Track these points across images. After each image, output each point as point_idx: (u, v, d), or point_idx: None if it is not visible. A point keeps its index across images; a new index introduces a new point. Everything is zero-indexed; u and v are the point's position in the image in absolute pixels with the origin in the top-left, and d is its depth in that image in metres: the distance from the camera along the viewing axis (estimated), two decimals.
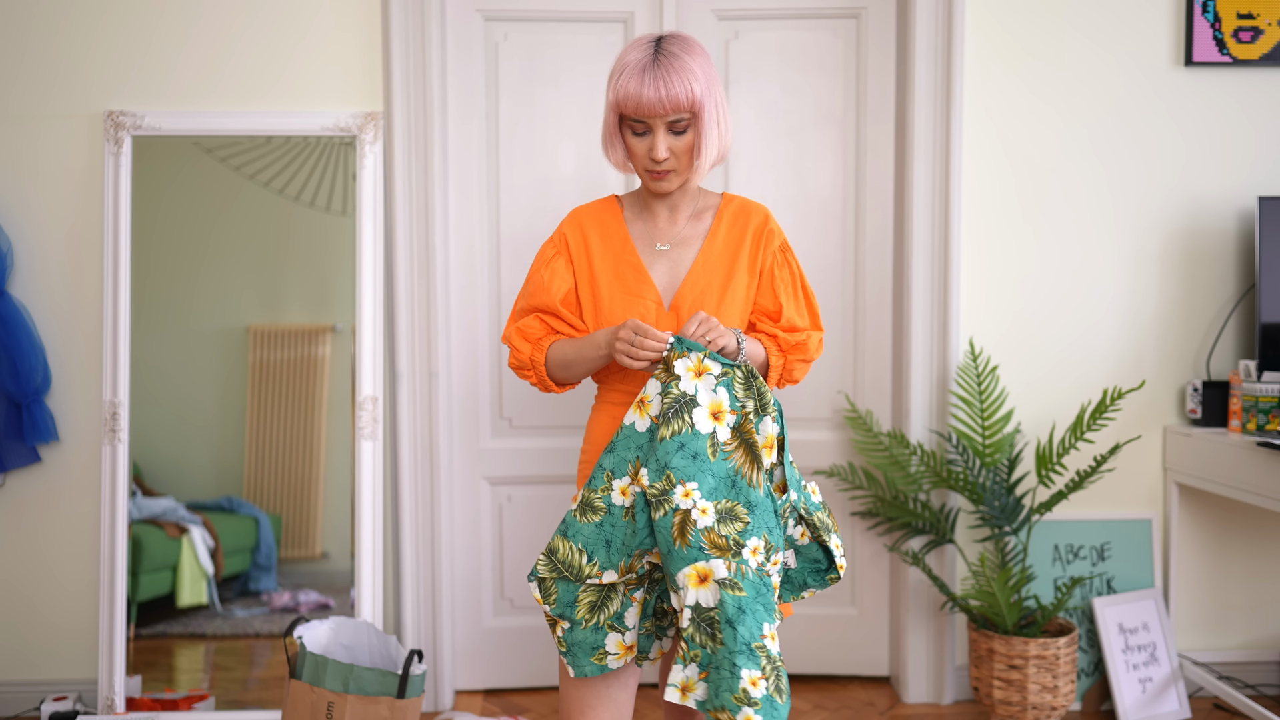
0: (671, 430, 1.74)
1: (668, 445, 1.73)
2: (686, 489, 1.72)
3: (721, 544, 1.70)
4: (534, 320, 1.97)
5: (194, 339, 2.78)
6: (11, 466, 2.71)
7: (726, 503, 1.73)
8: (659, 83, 1.79)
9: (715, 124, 1.85)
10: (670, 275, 1.92)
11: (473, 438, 2.92)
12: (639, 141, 1.86)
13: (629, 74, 1.81)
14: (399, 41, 2.72)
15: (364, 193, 2.72)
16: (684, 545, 1.71)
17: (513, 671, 2.98)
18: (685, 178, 1.89)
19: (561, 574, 1.78)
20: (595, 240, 1.95)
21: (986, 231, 2.84)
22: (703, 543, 1.70)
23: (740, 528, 1.72)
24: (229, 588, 2.85)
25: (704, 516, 1.71)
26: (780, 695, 1.66)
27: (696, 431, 1.75)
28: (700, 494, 1.72)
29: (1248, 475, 2.53)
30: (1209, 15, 2.80)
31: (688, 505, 1.72)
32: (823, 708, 2.86)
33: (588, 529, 1.79)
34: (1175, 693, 2.79)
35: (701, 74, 1.82)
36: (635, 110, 1.81)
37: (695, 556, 1.70)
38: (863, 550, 3.00)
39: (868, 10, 2.89)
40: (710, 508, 1.72)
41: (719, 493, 1.73)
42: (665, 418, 1.75)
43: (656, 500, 1.73)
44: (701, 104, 1.82)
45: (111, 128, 2.68)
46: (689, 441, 1.74)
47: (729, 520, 1.72)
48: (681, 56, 1.81)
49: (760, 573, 1.71)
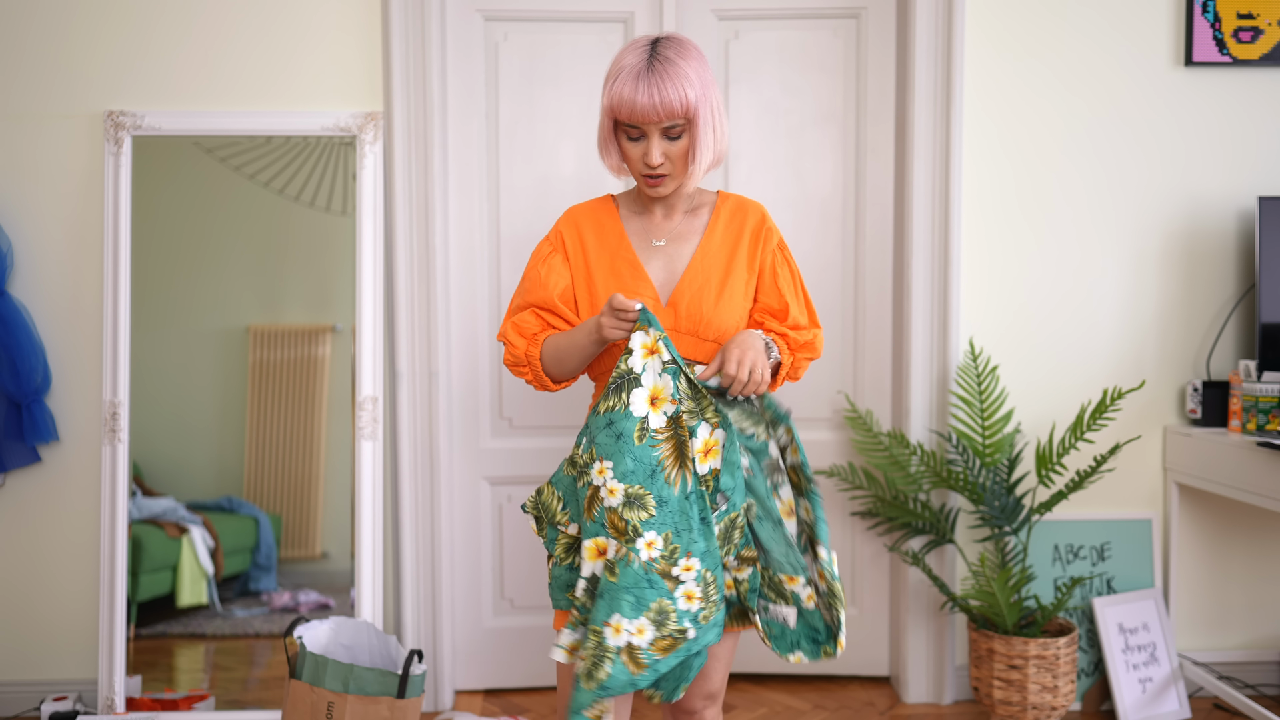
0: (607, 405, 1.77)
1: (598, 419, 1.77)
2: (601, 466, 1.75)
3: (620, 526, 1.74)
4: (530, 315, 1.96)
5: (194, 339, 2.78)
6: (11, 466, 2.71)
7: (638, 489, 1.74)
8: (653, 89, 1.78)
9: (711, 128, 1.85)
10: (667, 271, 1.92)
11: (473, 438, 2.92)
12: (634, 146, 1.86)
13: (623, 79, 1.80)
14: (399, 41, 2.72)
15: (364, 193, 2.72)
16: (589, 519, 1.77)
17: (513, 671, 2.98)
18: (681, 182, 1.89)
19: (539, 514, 1.87)
20: (591, 238, 1.95)
21: (986, 231, 2.84)
22: (604, 520, 1.75)
23: (644, 517, 1.73)
24: (229, 588, 2.85)
25: (611, 496, 1.75)
26: (589, 682, 1.69)
27: (629, 412, 1.76)
28: (612, 474, 1.74)
29: (1248, 475, 2.53)
30: (1209, 15, 2.80)
31: (599, 482, 1.75)
32: (823, 708, 2.86)
33: (567, 480, 1.85)
34: (1175, 693, 2.79)
35: (696, 78, 1.81)
36: (629, 116, 1.81)
37: (597, 531, 1.76)
38: (863, 550, 3.00)
39: (868, 10, 2.89)
40: (620, 489, 1.74)
41: (633, 477, 1.74)
42: (606, 391, 1.78)
43: (580, 469, 1.79)
44: (696, 109, 1.81)
45: (111, 128, 2.68)
46: (617, 420, 1.76)
47: (635, 506, 1.73)
48: (676, 61, 1.80)
49: (649, 567, 1.72)
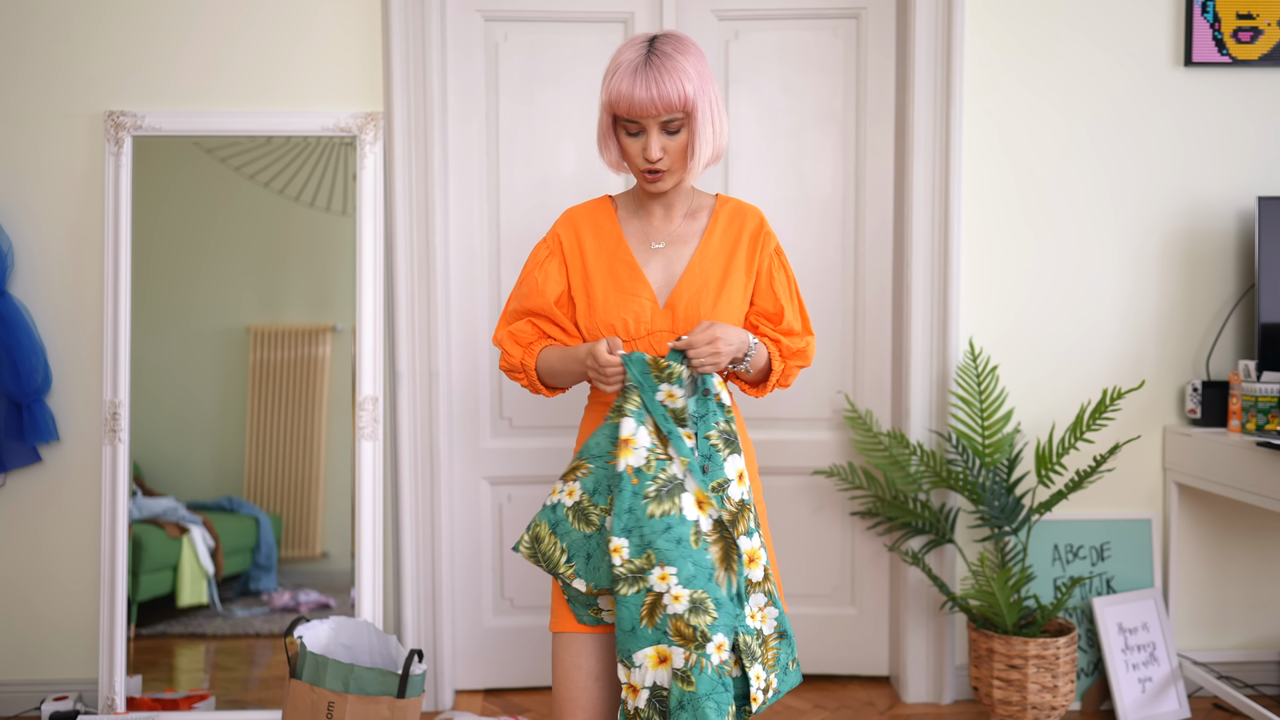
0: (662, 510, 1.74)
1: (655, 524, 1.73)
2: (664, 572, 1.72)
3: (687, 634, 1.71)
4: (526, 324, 1.97)
5: (194, 339, 2.78)
6: (12, 466, 2.71)
7: (700, 593, 1.72)
8: (651, 83, 1.78)
9: (709, 123, 1.85)
10: (666, 274, 1.92)
11: (473, 438, 2.93)
12: (633, 142, 1.86)
13: (621, 74, 1.81)
14: (399, 42, 2.72)
15: (364, 193, 2.72)
16: (650, 626, 1.73)
17: (513, 671, 2.98)
18: (680, 177, 1.89)
19: (537, 562, 1.84)
20: (589, 240, 1.95)
21: (986, 231, 2.85)
22: (668, 628, 1.72)
23: (709, 621, 1.72)
24: (229, 587, 2.85)
25: (676, 603, 1.72)
26: None
27: (683, 516, 1.74)
28: (677, 580, 1.72)
29: (1247, 475, 2.53)
30: (1209, 15, 2.80)
31: (662, 589, 1.72)
32: (823, 708, 2.87)
33: (576, 535, 1.82)
34: (1175, 692, 2.79)
35: (695, 73, 1.81)
36: (628, 110, 1.81)
37: (659, 639, 1.73)
38: (862, 550, 3.00)
39: (868, 10, 2.89)
40: (685, 595, 1.72)
41: (695, 582, 1.73)
42: (657, 496, 1.74)
43: (630, 576, 1.74)
44: (694, 103, 1.81)
45: (112, 128, 2.68)
46: (675, 525, 1.74)
47: (699, 612, 1.72)
48: (674, 56, 1.80)
49: (720, 670, 1.71)
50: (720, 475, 1.77)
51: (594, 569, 1.81)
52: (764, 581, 1.79)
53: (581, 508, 1.82)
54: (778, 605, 1.81)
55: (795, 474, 2.97)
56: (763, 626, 1.79)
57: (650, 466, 1.75)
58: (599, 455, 1.82)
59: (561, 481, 1.86)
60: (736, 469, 1.79)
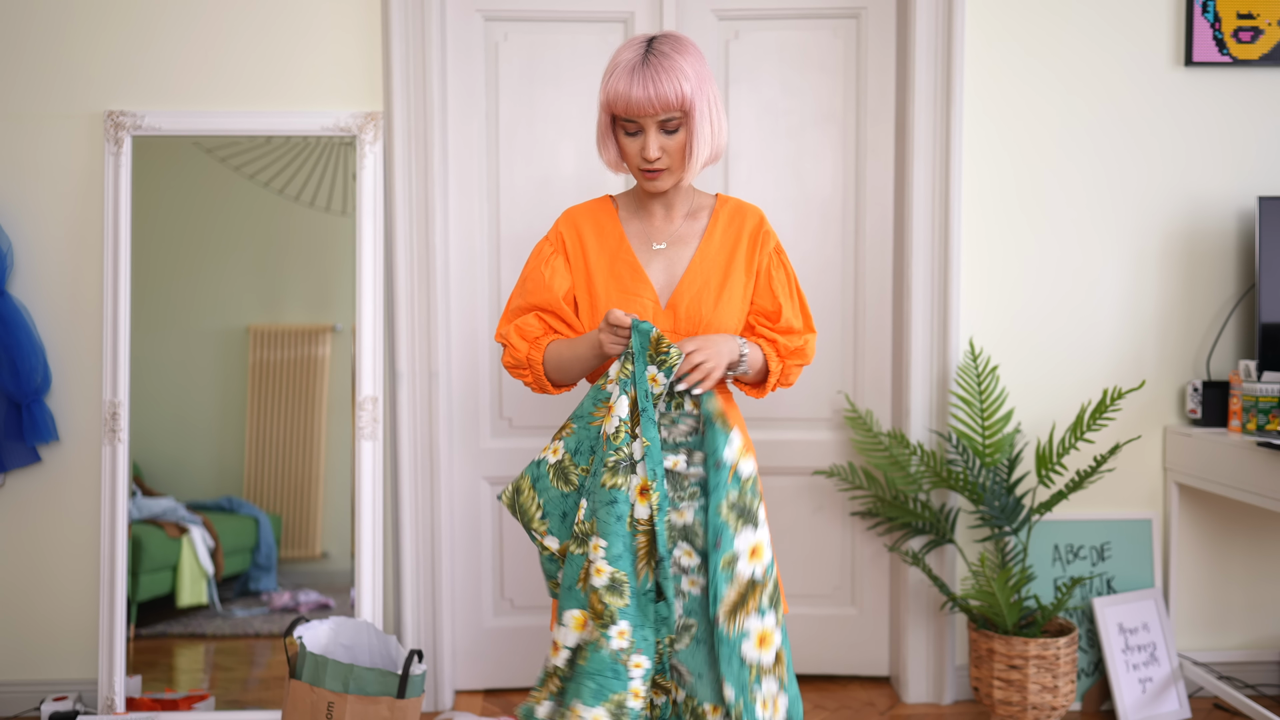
0: (613, 482, 1.74)
1: (603, 494, 1.74)
2: (597, 543, 1.74)
3: (598, 609, 1.72)
4: (533, 318, 1.96)
5: (194, 339, 2.78)
6: (11, 466, 2.71)
7: (620, 574, 1.73)
8: (648, 82, 1.79)
9: (707, 123, 1.85)
10: (667, 274, 1.92)
11: (473, 438, 2.92)
12: (631, 141, 1.86)
13: (619, 74, 1.81)
14: (399, 41, 2.72)
15: (364, 193, 2.72)
16: (583, 590, 1.75)
17: (513, 671, 2.98)
18: (679, 176, 1.89)
19: (515, 514, 1.87)
20: (591, 240, 1.95)
21: (986, 231, 2.84)
22: (583, 600, 1.74)
23: (620, 605, 1.71)
24: (229, 588, 2.85)
25: (598, 576, 1.72)
26: None
27: (628, 495, 1.75)
28: (604, 555, 1.73)
29: (1248, 475, 2.53)
30: (1209, 15, 2.80)
31: (592, 558, 1.74)
32: (823, 708, 2.86)
33: (554, 492, 1.84)
34: (1175, 693, 2.79)
35: (693, 73, 1.81)
36: (625, 110, 1.81)
37: (583, 604, 1.74)
38: (863, 550, 3.00)
39: (868, 10, 2.89)
40: (607, 572, 1.72)
41: (621, 562, 1.73)
42: (614, 468, 1.74)
43: (580, 536, 1.77)
44: (692, 103, 1.81)
45: (111, 128, 2.68)
46: (620, 501, 1.74)
47: (614, 592, 1.72)
48: (672, 56, 1.81)
49: (616, 656, 1.70)
50: (730, 550, 1.72)
51: (567, 528, 1.83)
52: (777, 666, 1.73)
53: (562, 466, 1.84)
54: (789, 690, 1.75)
55: (795, 474, 2.97)
56: (773, 717, 1.73)
57: (618, 436, 1.75)
58: (582, 415, 1.84)
59: (551, 440, 1.88)
60: (750, 544, 1.73)
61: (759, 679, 1.71)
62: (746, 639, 1.71)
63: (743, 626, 1.71)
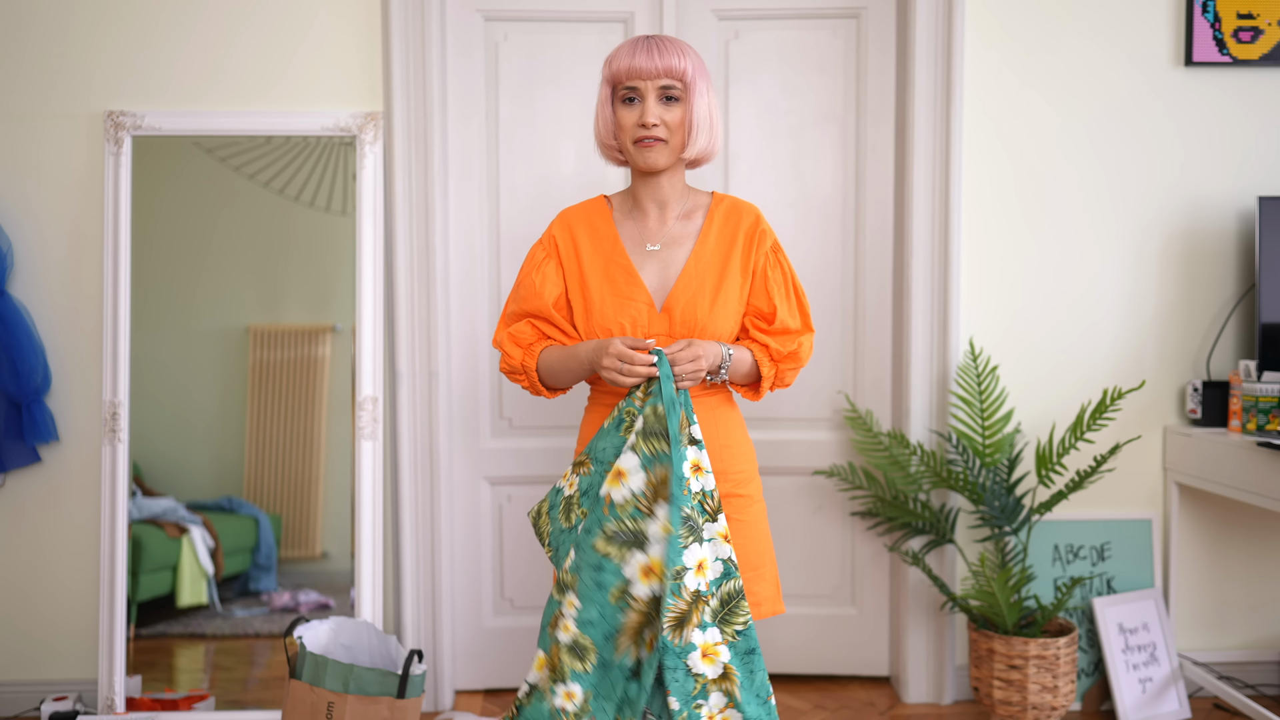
0: (605, 551, 1.73)
1: (591, 556, 1.73)
2: (572, 600, 1.73)
3: (554, 664, 1.73)
4: (525, 325, 1.97)
5: (194, 339, 2.78)
6: (11, 466, 2.71)
7: (586, 640, 1.72)
8: (653, 49, 1.86)
9: (705, 104, 1.89)
10: (661, 277, 1.91)
11: (473, 438, 2.92)
12: (629, 111, 1.88)
13: (623, 48, 1.89)
14: (399, 42, 2.72)
15: (364, 193, 2.72)
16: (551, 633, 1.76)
17: (513, 671, 2.98)
18: (675, 156, 1.90)
19: (537, 533, 1.90)
20: (585, 242, 1.95)
21: (986, 231, 2.84)
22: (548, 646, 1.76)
23: (577, 668, 1.72)
24: (229, 588, 2.85)
25: (564, 634, 1.73)
26: None
27: (618, 569, 1.72)
28: (575, 616, 1.73)
29: (1248, 475, 2.53)
30: (1209, 15, 2.80)
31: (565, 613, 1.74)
32: (823, 708, 2.86)
33: (557, 526, 1.86)
34: (1175, 693, 2.79)
35: (693, 57, 1.88)
36: (628, 73, 1.86)
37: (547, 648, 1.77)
38: (862, 550, 3.00)
39: (868, 10, 2.89)
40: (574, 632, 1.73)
41: (590, 628, 1.72)
42: (611, 537, 1.72)
43: (560, 583, 1.76)
44: (693, 80, 1.87)
45: (111, 128, 2.68)
46: (607, 571, 1.72)
47: (575, 655, 1.72)
48: (675, 39, 1.89)
49: (556, 715, 1.72)
50: (679, 563, 1.70)
51: (558, 562, 1.84)
52: (723, 680, 1.71)
53: (570, 504, 1.84)
54: (742, 707, 1.72)
55: (795, 474, 2.97)
56: None
57: (625, 508, 1.72)
58: (602, 462, 1.82)
59: (571, 470, 1.88)
60: (696, 559, 1.71)
61: (704, 691, 1.71)
62: (693, 651, 1.70)
63: (688, 639, 1.70)
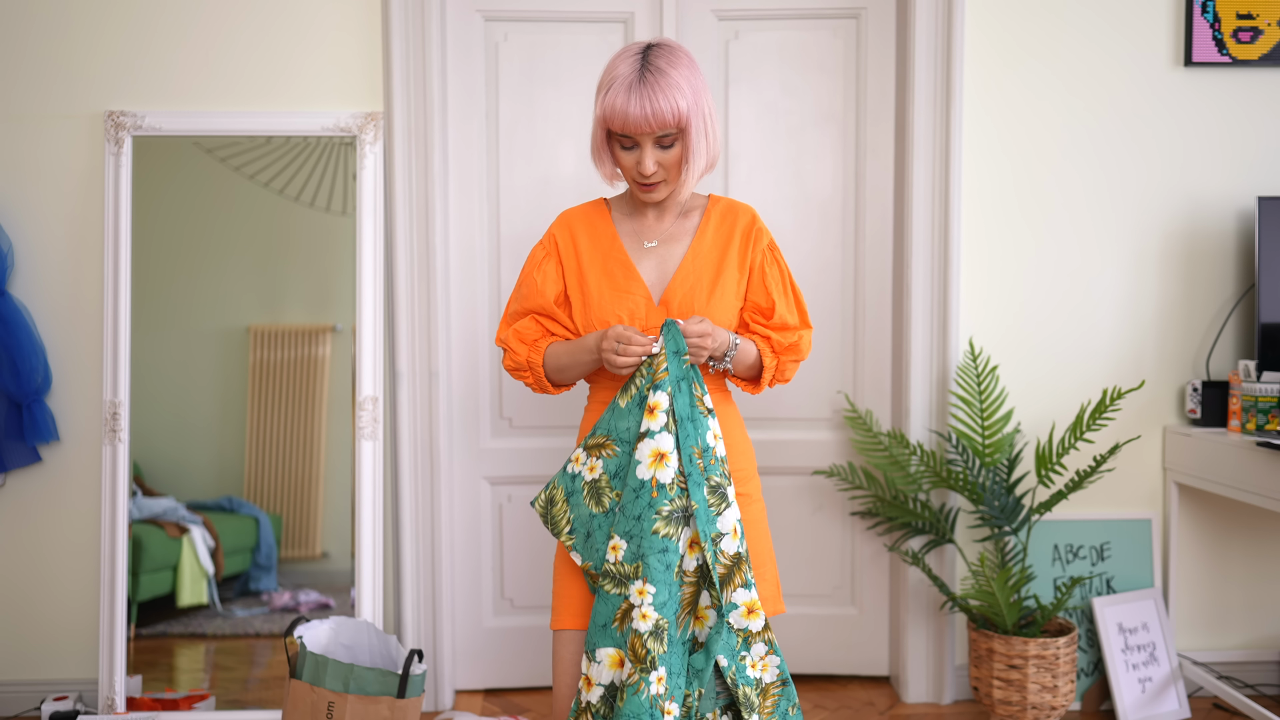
0: (666, 532, 1.77)
1: (655, 541, 1.76)
2: (644, 588, 1.76)
3: (640, 654, 1.74)
4: (530, 322, 2.00)
5: (194, 339, 2.78)
6: (12, 466, 2.71)
7: (664, 621, 1.76)
8: (645, 100, 1.80)
9: (703, 135, 1.87)
10: (659, 271, 1.94)
11: (473, 438, 2.93)
12: (627, 155, 1.89)
13: (616, 90, 1.82)
14: (399, 42, 2.72)
15: (364, 193, 2.72)
16: (620, 629, 1.78)
17: (513, 671, 2.98)
18: (674, 188, 1.92)
19: (547, 523, 1.89)
20: (584, 240, 1.98)
21: (986, 231, 2.85)
22: (627, 641, 1.76)
23: (660, 651, 1.75)
24: (229, 587, 2.85)
25: (643, 621, 1.75)
26: None
27: (678, 547, 1.78)
28: (652, 600, 1.75)
29: (1247, 475, 2.53)
30: (1209, 15, 2.80)
31: (637, 602, 1.76)
32: (823, 707, 2.86)
33: (585, 511, 1.85)
34: (1175, 692, 2.79)
35: (688, 87, 1.83)
36: (622, 127, 1.84)
37: (621, 645, 1.77)
38: (862, 550, 3.00)
39: (868, 10, 2.89)
40: (653, 617, 1.75)
41: (666, 609, 1.77)
42: (669, 518, 1.78)
43: (617, 576, 1.79)
44: (688, 119, 1.83)
45: (112, 128, 2.68)
46: (671, 550, 1.77)
47: (658, 638, 1.75)
48: (668, 72, 1.82)
49: (654, 701, 1.74)
50: (714, 529, 1.80)
51: (590, 548, 1.84)
52: (764, 631, 1.83)
53: (598, 487, 1.85)
54: (779, 653, 1.85)
55: (795, 474, 2.97)
56: (763, 676, 1.84)
57: (673, 488, 1.78)
58: (626, 440, 1.84)
59: (585, 453, 1.88)
60: (730, 523, 1.82)
61: (745, 643, 1.82)
62: (735, 610, 1.81)
63: (730, 599, 1.81)
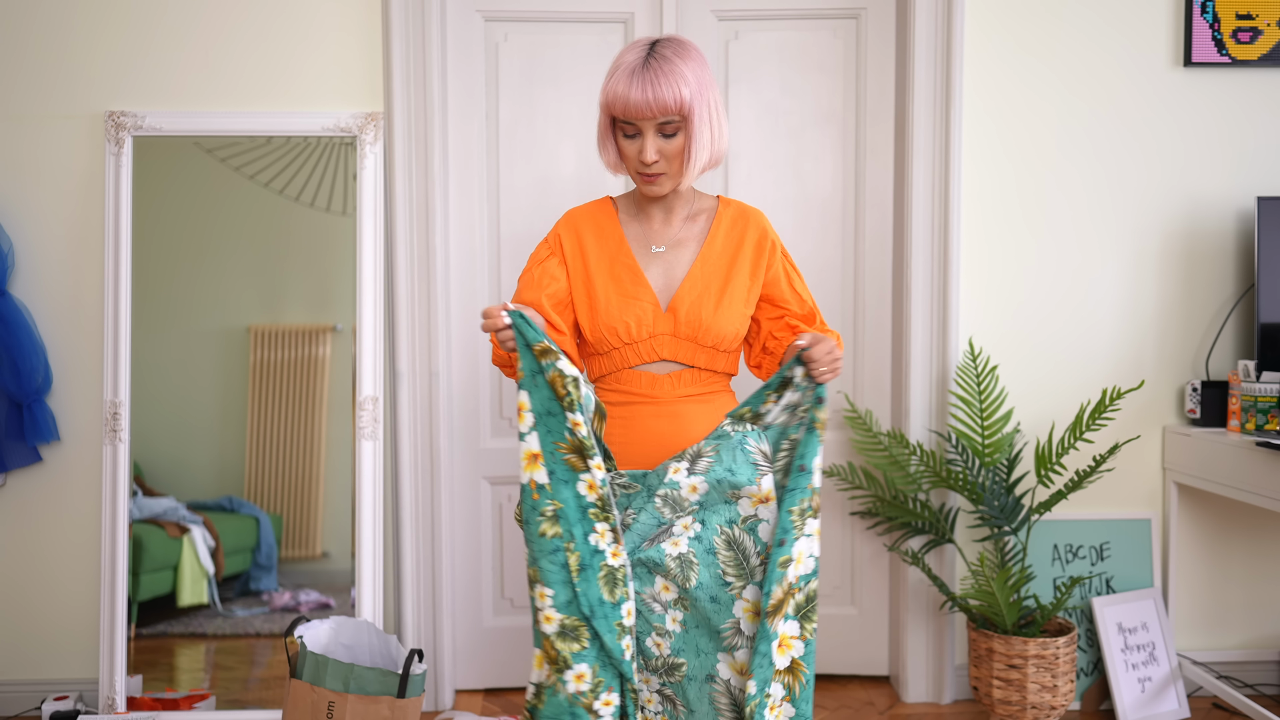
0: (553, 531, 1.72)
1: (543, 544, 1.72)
2: (542, 591, 1.71)
3: (551, 655, 1.71)
4: None
5: (194, 339, 2.78)
6: (13, 466, 2.71)
7: (573, 620, 1.71)
8: (647, 85, 1.79)
9: (707, 128, 1.85)
10: (666, 277, 1.92)
11: (473, 438, 2.93)
12: (630, 144, 1.87)
13: (619, 76, 1.82)
14: (399, 42, 2.72)
15: (364, 193, 2.73)
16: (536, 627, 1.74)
17: (513, 671, 2.98)
18: (677, 181, 1.89)
19: None
20: (590, 242, 1.95)
21: (986, 231, 2.85)
22: (539, 642, 1.72)
23: (575, 650, 1.70)
24: (229, 587, 2.85)
25: (547, 624, 1.71)
26: None
27: (589, 542, 1.72)
28: (552, 602, 1.71)
29: (1247, 475, 2.53)
30: (1208, 15, 2.80)
31: (539, 606, 1.72)
32: (822, 707, 2.87)
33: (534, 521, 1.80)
34: (1174, 692, 2.79)
35: (693, 78, 1.82)
36: (623, 112, 1.82)
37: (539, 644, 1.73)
38: (862, 550, 3.00)
39: (867, 10, 2.89)
40: (557, 619, 1.71)
41: (571, 608, 1.71)
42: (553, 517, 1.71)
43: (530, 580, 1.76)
44: (691, 108, 1.82)
45: (112, 128, 2.68)
46: (560, 548, 1.71)
47: (567, 638, 1.70)
48: (673, 60, 1.81)
49: (575, 699, 1.70)
50: (787, 553, 1.70)
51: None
52: (787, 673, 1.72)
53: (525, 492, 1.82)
54: (797, 703, 1.73)
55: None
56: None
57: (551, 487, 1.73)
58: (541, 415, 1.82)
59: None
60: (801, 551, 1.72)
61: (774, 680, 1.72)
62: (774, 640, 1.70)
63: (776, 628, 1.70)
